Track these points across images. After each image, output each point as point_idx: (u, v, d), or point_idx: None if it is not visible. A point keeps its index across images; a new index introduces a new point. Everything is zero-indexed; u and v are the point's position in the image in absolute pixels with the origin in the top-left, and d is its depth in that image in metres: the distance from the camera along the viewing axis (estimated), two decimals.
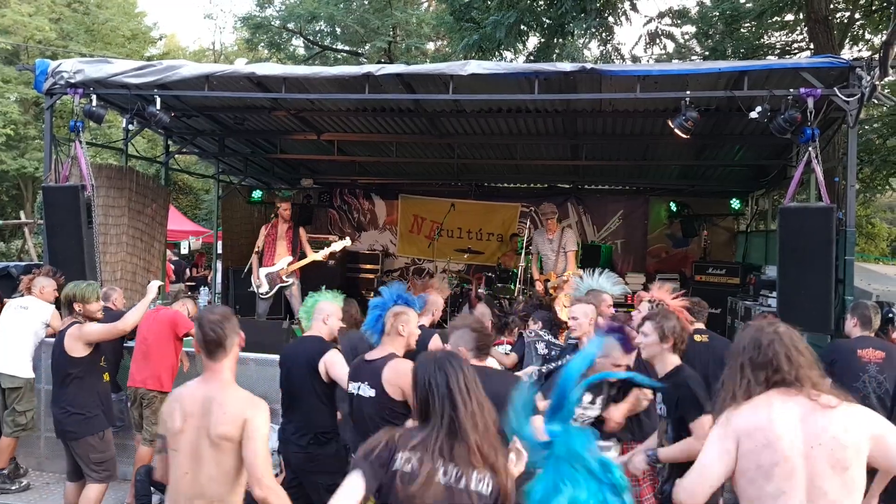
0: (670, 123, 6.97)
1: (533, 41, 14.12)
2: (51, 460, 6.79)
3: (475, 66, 6.79)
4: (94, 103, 7.44)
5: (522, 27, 11.72)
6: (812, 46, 11.10)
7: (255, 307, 9.30)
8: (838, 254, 6.24)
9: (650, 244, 13.12)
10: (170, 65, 7.57)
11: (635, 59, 15.46)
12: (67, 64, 7.51)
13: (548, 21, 11.71)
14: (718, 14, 14.64)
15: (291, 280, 8.89)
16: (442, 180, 13.27)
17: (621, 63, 13.67)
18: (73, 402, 5.12)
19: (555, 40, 12.31)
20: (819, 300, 6.07)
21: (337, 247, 9.09)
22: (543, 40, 12.60)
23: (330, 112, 9.31)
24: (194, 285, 17.05)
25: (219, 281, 12.74)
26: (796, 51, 14.53)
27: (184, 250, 18.57)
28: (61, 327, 5.43)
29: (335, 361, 4.47)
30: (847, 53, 13.08)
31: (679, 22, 15.68)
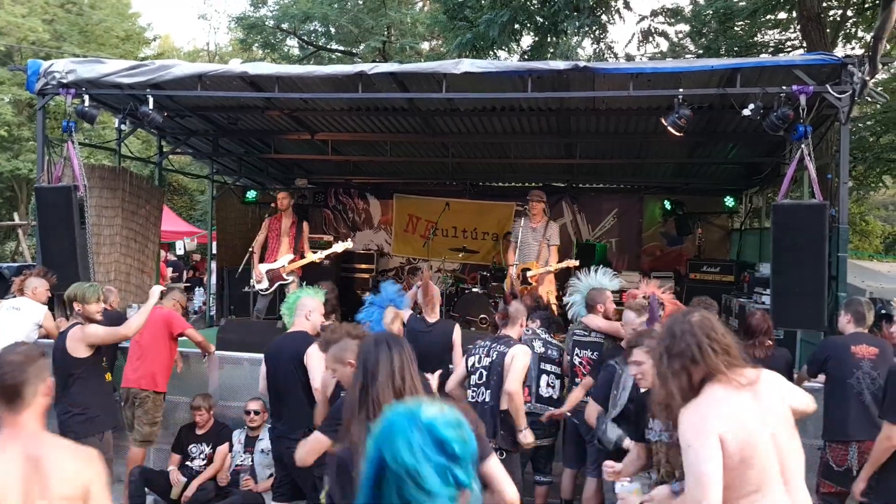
0: (663, 121, 6.97)
1: (527, 40, 14.15)
2: None
3: (468, 65, 6.80)
4: (87, 103, 7.41)
5: (516, 26, 11.72)
6: (805, 44, 11.11)
7: (254, 304, 9.27)
8: (831, 251, 6.25)
9: (645, 242, 13.14)
10: (162, 64, 7.56)
11: (629, 58, 15.46)
12: (59, 64, 7.49)
13: (541, 20, 11.71)
14: (712, 12, 14.66)
15: (292, 278, 8.88)
16: (436, 179, 13.27)
17: (614, 61, 13.68)
18: (76, 402, 5.08)
19: (548, 39, 12.30)
20: (812, 297, 6.08)
21: (339, 248, 9.07)
22: (537, 39, 12.60)
23: (324, 111, 9.31)
24: (190, 286, 17.05)
25: (213, 282, 12.71)
26: (789, 49, 14.54)
27: (179, 251, 18.54)
28: (62, 328, 5.40)
29: (311, 354, 4.42)
30: (840, 51, 13.09)
31: (673, 21, 15.71)
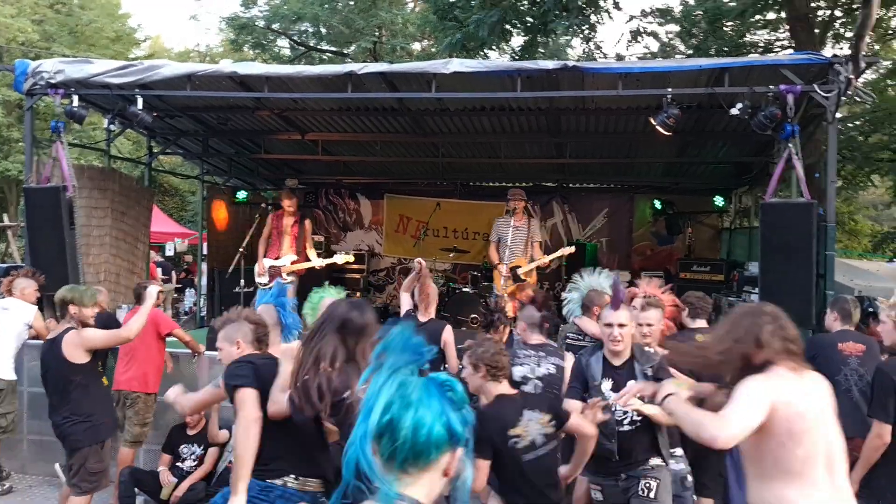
0: (652, 121, 7.00)
1: (517, 41, 14.19)
2: (34, 463, 6.76)
3: (457, 65, 6.81)
4: (76, 104, 7.38)
5: (506, 26, 11.74)
6: (793, 44, 11.18)
7: (246, 302, 9.25)
8: (819, 249, 6.29)
9: (635, 242, 13.17)
10: (151, 64, 7.54)
11: (619, 58, 15.52)
12: (48, 64, 7.46)
13: (531, 20, 11.74)
14: (701, 13, 14.74)
15: (291, 278, 8.91)
16: (427, 180, 13.26)
17: (604, 61, 13.72)
18: (79, 411, 4.97)
19: (538, 39, 12.34)
20: (800, 295, 6.11)
21: (339, 259, 9.14)
22: (527, 39, 12.64)
23: (314, 111, 9.30)
24: (181, 287, 17.01)
25: (204, 283, 12.68)
26: (779, 49, 14.62)
27: (169, 252, 18.50)
28: (53, 331, 5.31)
29: None
30: (829, 52, 13.18)
31: (663, 21, 15.78)
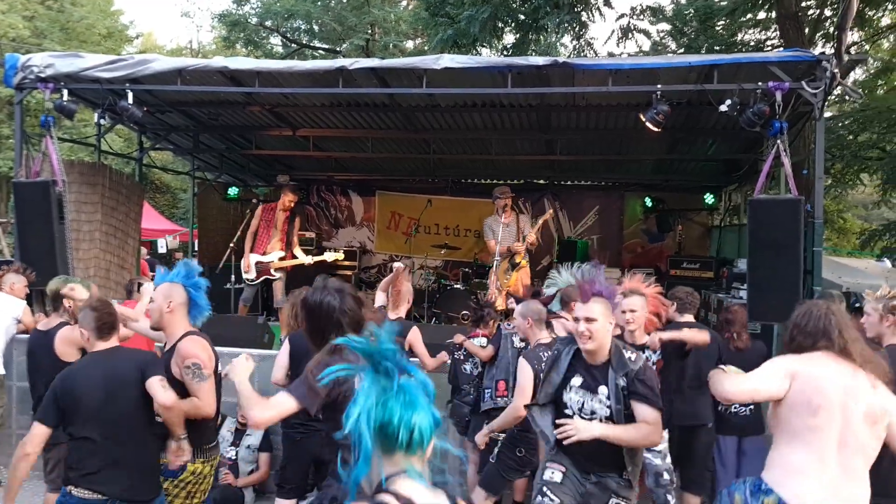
0: (642, 117, 7.02)
1: (509, 38, 14.21)
2: None
3: (448, 60, 6.81)
4: (65, 98, 7.36)
5: (498, 23, 11.76)
6: (783, 43, 11.23)
7: (236, 298, 9.27)
8: (806, 245, 6.33)
9: (626, 239, 13.24)
10: (142, 59, 7.51)
11: (611, 56, 15.55)
12: (38, 58, 7.43)
13: (522, 16, 11.76)
14: (693, 11, 14.79)
15: (279, 275, 8.92)
16: (418, 176, 13.30)
17: (594, 57, 13.76)
18: None
19: (529, 36, 12.36)
20: (787, 291, 6.13)
21: (329, 257, 9.19)
22: (519, 36, 12.66)
23: (305, 107, 9.30)
24: None
25: None
26: (769, 48, 14.67)
27: (161, 249, 18.44)
28: (44, 322, 5.30)
29: None
30: (819, 50, 13.25)
31: (654, 20, 15.83)
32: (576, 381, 3.80)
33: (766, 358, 5.50)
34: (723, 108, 6.48)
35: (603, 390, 3.70)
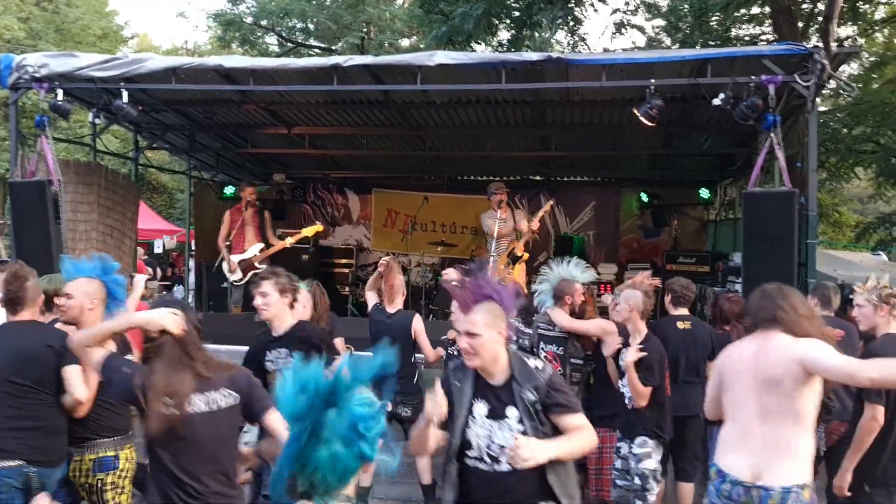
0: (636, 112, 7.05)
1: (504, 35, 14.22)
2: None
3: (442, 56, 6.84)
4: (60, 98, 7.36)
5: (492, 19, 11.76)
6: (777, 37, 11.26)
7: (229, 297, 9.28)
8: (800, 238, 6.36)
9: (622, 235, 13.24)
10: (136, 58, 7.53)
11: (606, 52, 15.60)
12: (32, 58, 7.43)
13: (516, 12, 11.77)
14: (688, 7, 14.82)
15: (264, 266, 8.90)
16: (414, 174, 13.31)
17: (588, 52, 13.80)
18: None
19: (524, 32, 12.37)
20: (782, 283, 6.16)
21: (308, 231, 9.11)
22: (513, 32, 12.67)
23: (300, 105, 9.31)
24: (169, 284, 17.00)
25: (192, 279, 12.67)
26: (763, 42, 14.71)
27: (158, 249, 18.46)
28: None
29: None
30: (812, 44, 13.26)
31: (649, 16, 15.88)
32: (480, 410, 3.04)
33: None
34: (716, 102, 6.51)
35: (512, 412, 2.98)
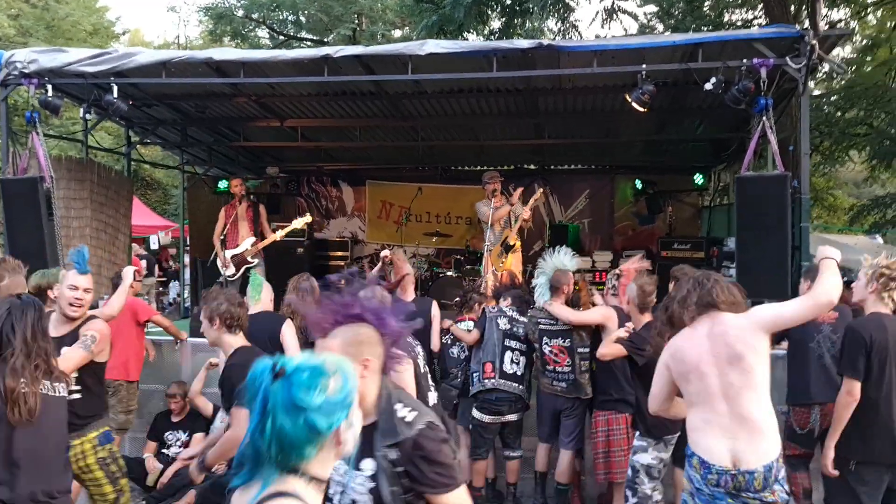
0: (628, 98, 7.04)
1: (495, 23, 14.16)
2: None
3: (433, 46, 6.82)
4: (50, 93, 7.33)
5: (482, 7, 11.73)
6: (769, 21, 11.24)
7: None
8: (794, 221, 6.37)
9: (617, 222, 13.25)
10: (126, 52, 7.50)
11: (597, 38, 15.56)
12: (21, 54, 7.40)
13: (507, 0, 11.73)
14: None
15: (257, 260, 8.89)
16: (408, 165, 13.28)
17: (578, 39, 13.76)
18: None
19: (515, 20, 12.34)
20: (776, 267, 6.18)
21: (298, 223, 9.02)
22: (504, 20, 12.64)
23: (291, 97, 9.27)
24: (165, 280, 16.97)
25: (187, 273, 12.65)
26: (756, 27, 14.69)
27: (153, 245, 18.41)
28: None
29: (285, 332, 4.79)
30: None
31: (641, 2, 15.83)
32: None
33: None
34: (708, 87, 6.51)
35: (368, 465, 2.27)
